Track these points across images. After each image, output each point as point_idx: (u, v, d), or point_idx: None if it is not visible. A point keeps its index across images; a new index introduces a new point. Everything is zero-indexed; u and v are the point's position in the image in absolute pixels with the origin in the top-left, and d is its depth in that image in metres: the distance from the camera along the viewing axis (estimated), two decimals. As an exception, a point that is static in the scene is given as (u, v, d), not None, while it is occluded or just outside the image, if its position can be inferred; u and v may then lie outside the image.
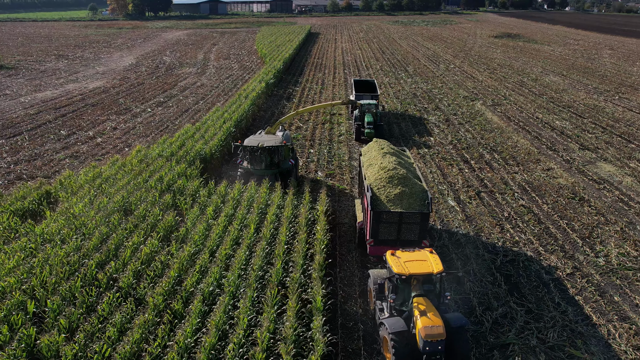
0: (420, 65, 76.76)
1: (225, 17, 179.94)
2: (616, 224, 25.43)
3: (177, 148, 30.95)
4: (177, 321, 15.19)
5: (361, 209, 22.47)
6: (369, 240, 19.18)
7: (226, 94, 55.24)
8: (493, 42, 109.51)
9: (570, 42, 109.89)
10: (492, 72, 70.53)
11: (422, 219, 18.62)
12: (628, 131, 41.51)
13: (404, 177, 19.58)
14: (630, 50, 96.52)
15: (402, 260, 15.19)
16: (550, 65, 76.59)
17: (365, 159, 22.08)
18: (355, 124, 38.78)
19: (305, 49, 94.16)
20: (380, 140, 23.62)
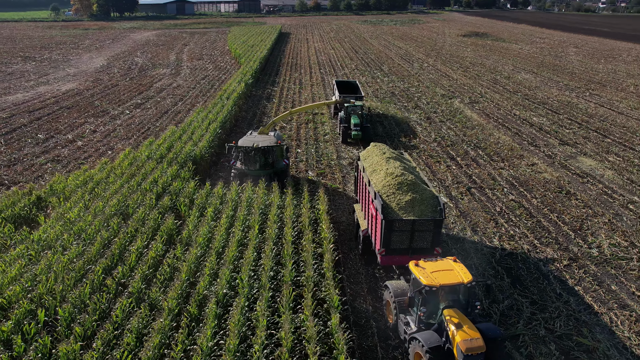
0: (395, 64, 77.50)
1: (193, 17, 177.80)
2: (603, 215, 26.27)
3: (165, 150, 30.50)
4: (195, 325, 14.99)
5: (363, 216, 21.53)
6: (380, 250, 18.23)
7: (204, 95, 54.68)
8: (462, 40, 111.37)
9: (537, 41, 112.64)
10: (466, 71, 71.76)
11: (436, 226, 17.87)
12: (603, 126, 42.88)
13: (413, 183, 18.75)
14: (594, 48, 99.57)
15: (429, 271, 14.60)
16: (520, 63, 78.41)
17: (367, 164, 21.11)
18: (341, 126, 38.02)
19: (279, 49, 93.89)
20: (379, 144, 22.80)
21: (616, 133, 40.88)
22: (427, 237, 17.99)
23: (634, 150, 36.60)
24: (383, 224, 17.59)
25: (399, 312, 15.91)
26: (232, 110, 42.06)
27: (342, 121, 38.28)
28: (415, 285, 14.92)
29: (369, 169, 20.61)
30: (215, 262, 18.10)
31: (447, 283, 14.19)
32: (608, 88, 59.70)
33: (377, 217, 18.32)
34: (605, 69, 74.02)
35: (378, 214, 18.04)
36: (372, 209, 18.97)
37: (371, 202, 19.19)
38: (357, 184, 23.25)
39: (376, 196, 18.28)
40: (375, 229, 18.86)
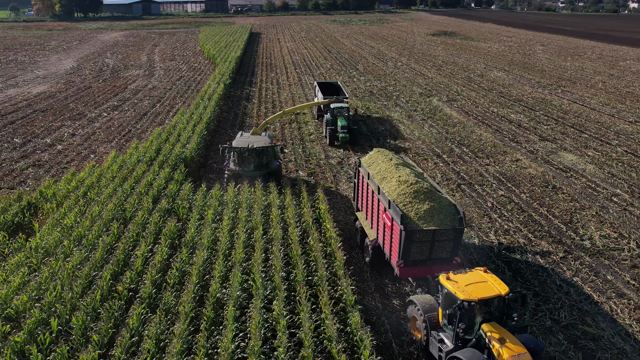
0: (369, 63, 78.02)
1: (160, 17, 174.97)
2: (590, 208, 27.11)
3: (154, 153, 30.02)
4: (214, 328, 14.85)
5: (369, 224, 20.77)
6: (399, 262, 17.43)
7: (182, 96, 54.01)
8: (432, 39, 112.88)
9: (504, 39, 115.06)
10: (440, 69, 72.79)
11: (456, 235, 17.31)
12: (578, 122, 44.17)
13: (429, 191, 18.06)
14: (560, 46, 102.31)
15: (462, 285, 14.01)
16: (491, 62, 79.99)
17: (374, 171, 20.24)
18: (328, 128, 37.20)
19: (251, 49, 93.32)
20: (382, 149, 22.14)
21: (592, 129, 42.18)
22: (447, 247, 17.43)
23: (610, 145, 37.84)
24: (403, 235, 16.80)
25: (430, 329, 15.18)
26: (214, 111, 41.66)
27: (328, 124, 37.51)
28: (449, 300, 14.31)
29: (377, 176, 19.78)
30: (223, 265, 17.94)
31: (485, 296, 13.65)
32: (578, 85, 61.50)
33: (393, 228, 17.56)
34: (573, 66, 76.19)
35: (395, 224, 17.28)
36: (386, 219, 18.17)
37: (383, 212, 18.47)
38: (360, 191, 22.19)
39: (391, 205, 17.56)
40: (390, 240, 18.01)
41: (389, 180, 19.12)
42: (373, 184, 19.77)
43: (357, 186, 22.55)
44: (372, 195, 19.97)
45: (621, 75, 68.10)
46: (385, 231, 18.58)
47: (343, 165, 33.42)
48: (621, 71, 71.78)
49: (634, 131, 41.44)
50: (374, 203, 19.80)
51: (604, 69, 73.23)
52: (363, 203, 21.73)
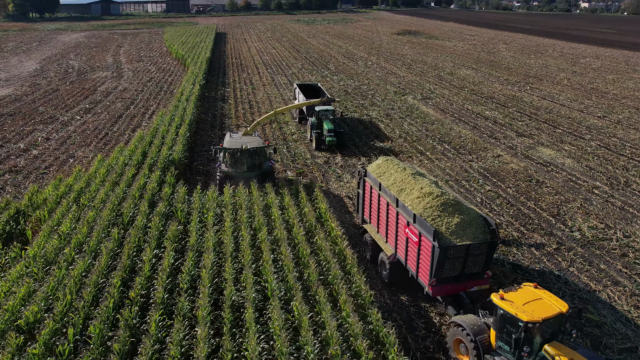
0: (340, 63, 78.38)
1: (120, 17, 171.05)
2: (575, 201, 28.05)
3: (140, 156, 29.41)
4: (235, 331, 14.71)
5: (383, 239, 19.64)
6: (431, 280, 16.39)
7: (156, 98, 53.06)
8: (398, 39, 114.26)
9: (467, 38, 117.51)
10: (410, 68, 73.79)
11: (490, 248, 16.51)
12: (550, 118, 45.57)
13: (457, 203, 17.18)
14: (521, 44, 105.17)
15: (520, 304, 13.34)
16: (458, 60, 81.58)
17: (388, 182, 19.08)
18: (314, 132, 36.27)
19: (219, 50, 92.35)
20: (390, 157, 21.15)
21: (564, 124, 43.59)
22: (480, 261, 16.64)
23: (584, 139, 39.21)
24: (437, 252, 15.69)
25: (482, 352, 14.32)
26: (194, 112, 41.12)
27: (313, 127, 36.67)
28: (507, 321, 13.57)
29: (394, 187, 18.70)
30: (232, 267, 17.77)
31: (548, 316, 13.03)
32: (545, 82, 63.40)
33: (421, 244, 16.54)
34: (537, 63, 78.49)
35: (425, 240, 16.25)
36: (410, 234, 17.11)
37: (405, 226, 17.45)
38: (368, 202, 20.85)
39: (417, 220, 16.59)
40: (417, 257, 16.93)
41: (408, 192, 18.11)
42: (388, 196, 18.69)
43: (363, 197, 21.21)
44: (386, 208, 18.80)
45: (583, 72, 70.57)
46: (409, 247, 17.50)
47: (330, 165, 33.51)
48: (583, 68, 74.38)
49: (604, 126, 43.04)
50: (389, 216, 18.69)
51: (567, 66, 75.73)
52: (373, 215, 20.45)
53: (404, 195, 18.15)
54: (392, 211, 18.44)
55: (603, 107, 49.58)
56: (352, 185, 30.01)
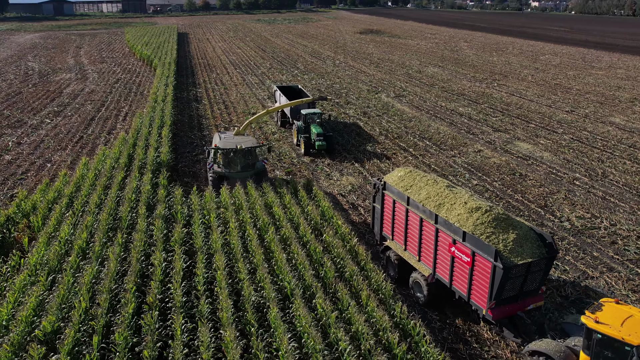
0: (308, 62, 78.43)
1: (75, 18, 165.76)
2: (559, 192, 29.03)
3: (127, 158, 28.71)
4: (262, 331, 14.59)
5: (415, 258, 18.14)
6: (491, 303, 15.15)
7: (126, 100, 51.80)
8: (361, 38, 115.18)
9: (428, 36, 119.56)
10: (378, 66, 74.53)
11: (548, 263, 15.71)
12: (522, 113, 46.95)
13: (507, 217, 16.18)
14: (482, 42, 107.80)
15: (617, 325, 12.51)
16: (424, 58, 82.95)
17: (421, 196, 17.65)
18: (301, 136, 34.81)
19: (184, 50, 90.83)
20: (411, 169, 19.69)
21: (536, 119, 44.99)
22: (537, 278, 15.83)
23: (557, 133, 40.59)
24: (499, 273, 14.54)
25: None
26: (173, 113, 40.42)
27: (300, 131, 35.28)
28: (608, 346, 12.60)
29: (429, 202, 17.32)
30: (246, 268, 17.60)
31: None
32: (510, 78, 65.23)
33: (475, 264, 15.37)
34: (500, 61, 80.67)
35: (481, 260, 15.05)
36: (459, 254, 15.82)
37: (450, 244, 16.10)
38: (389, 218, 19.24)
39: (467, 238, 15.41)
40: (470, 278, 15.74)
41: (449, 207, 16.78)
42: (422, 212, 17.28)
43: (382, 212, 19.62)
44: (419, 224, 17.40)
45: (545, 69, 72.95)
46: (457, 267, 16.21)
47: (317, 164, 33.51)
48: (544, 65, 76.88)
49: (573, 120, 44.65)
50: (424, 233, 17.33)
51: (529, 63, 78.11)
52: (398, 232, 18.95)
53: (444, 210, 16.83)
54: (428, 228, 17.09)
55: (569, 102, 51.43)
56: (342, 183, 30.16)
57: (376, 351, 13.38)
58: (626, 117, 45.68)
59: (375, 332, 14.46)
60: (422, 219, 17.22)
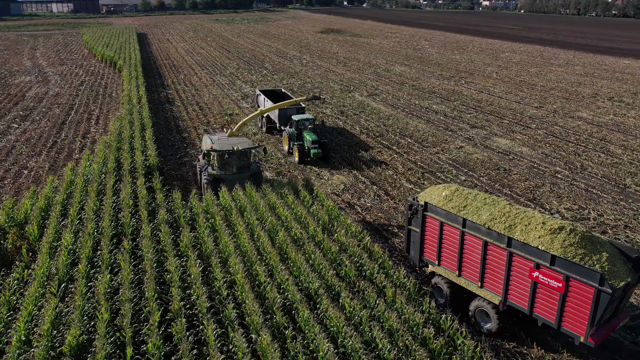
0: (275, 62, 78.10)
1: (24, 18, 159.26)
2: (544, 186, 29.99)
3: (114, 162, 27.87)
4: (295, 333, 14.47)
5: (475, 284, 16.67)
6: (592, 329, 14.32)
7: (95, 102, 50.25)
8: (323, 37, 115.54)
9: (389, 35, 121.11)
10: (345, 65, 74.96)
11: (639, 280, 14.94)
12: (494, 110, 48.21)
13: (590, 235, 15.24)
14: (442, 41, 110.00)
15: None
16: (389, 57, 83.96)
17: (482, 217, 16.23)
18: (295, 144, 33.22)
19: (145, 51, 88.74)
20: (456, 186, 18.24)
21: (508, 115, 46.29)
22: (629, 296, 15.43)
23: (531, 129, 41.90)
24: (607, 298, 13.74)
25: None
26: (151, 116, 39.52)
27: (292, 138, 33.93)
28: None
29: (496, 224, 15.90)
30: (265, 271, 17.41)
31: None
32: (476, 76, 66.87)
33: (569, 289, 14.42)
34: (463, 59, 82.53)
35: (579, 284, 14.15)
36: (545, 278, 14.79)
37: (533, 269, 15.00)
38: (435, 242, 17.73)
39: (557, 261, 14.44)
40: (562, 305, 14.72)
41: (524, 229, 15.55)
42: (486, 234, 15.89)
43: (423, 235, 18.07)
44: (483, 249, 16.03)
45: (507, 66, 75.14)
46: (541, 293, 15.14)
47: (306, 164, 33.44)
48: (505, 62, 79.18)
49: (543, 115, 46.20)
50: (491, 258, 16.01)
51: (490, 61, 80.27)
52: (448, 257, 17.42)
53: (518, 232, 15.51)
54: (497, 252, 15.76)
55: (536, 98, 53.17)
56: (333, 182, 30.18)
57: (414, 347, 13.50)
58: (592, 112, 47.61)
59: (408, 328, 14.57)
60: (486, 242, 15.87)
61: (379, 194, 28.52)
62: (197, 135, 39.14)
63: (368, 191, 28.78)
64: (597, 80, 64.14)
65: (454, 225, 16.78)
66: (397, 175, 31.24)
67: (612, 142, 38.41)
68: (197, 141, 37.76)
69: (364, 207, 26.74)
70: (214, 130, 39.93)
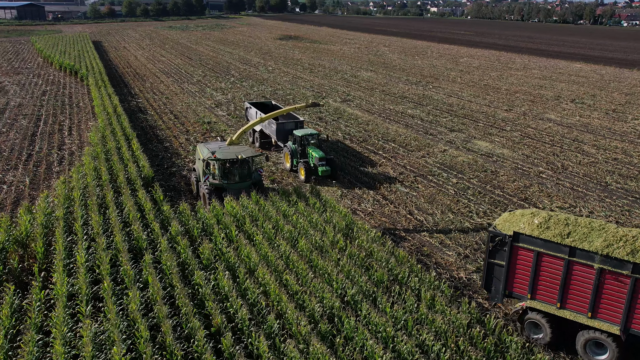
0: (241, 69, 77.55)
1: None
2: (532, 186, 31.05)
3: (107, 175, 26.96)
4: (344, 342, 14.43)
5: (584, 316, 15.83)
6: None
7: (63, 113, 48.45)
8: (283, 44, 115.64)
9: (348, 42, 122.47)
10: (312, 72, 75.27)
11: None
12: (467, 113, 49.55)
13: None
14: (400, 46, 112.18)
15: None
16: (354, 63, 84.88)
17: (595, 244, 15.31)
18: (300, 162, 31.10)
19: (104, 59, 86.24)
20: (547, 212, 16.97)
21: (481, 118, 47.69)
22: None
23: (506, 131, 43.32)
24: None
25: None
26: (131, 125, 38.46)
27: (295, 155, 31.62)
28: None
29: (617, 250, 15.03)
30: (294, 279, 17.27)
31: None
32: (441, 80, 68.53)
33: None
34: (425, 64, 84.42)
35: None
36: None
37: None
38: (528, 274, 16.54)
39: None
40: None
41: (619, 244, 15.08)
42: (601, 262, 15.14)
43: (510, 269, 16.78)
44: (597, 277, 15.30)
45: (469, 71, 77.40)
46: None
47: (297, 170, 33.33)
48: (466, 67, 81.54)
49: (514, 118, 47.85)
50: (607, 286, 15.29)
51: (452, 66, 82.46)
52: (546, 289, 16.39)
53: (618, 251, 14.92)
54: (616, 280, 15.08)
55: (504, 102, 55.01)
56: (330, 188, 30.18)
57: (467, 347, 13.73)
58: (559, 114, 49.69)
59: (454, 329, 14.79)
60: (601, 270, 15.13)
61: (377, 198, 28.77)
62: (180, 145, 38.39)
63: (366, 196, 28.99)
64: (556, 84, 66.99)
65: (556, 255, 15.78)
66: (390, 179, 31.61)
67: (585, 142, 40.22)
68: (180, 150, 37.03)
69: (366, 212, 26.92)
70: (205, 139, 39.27)
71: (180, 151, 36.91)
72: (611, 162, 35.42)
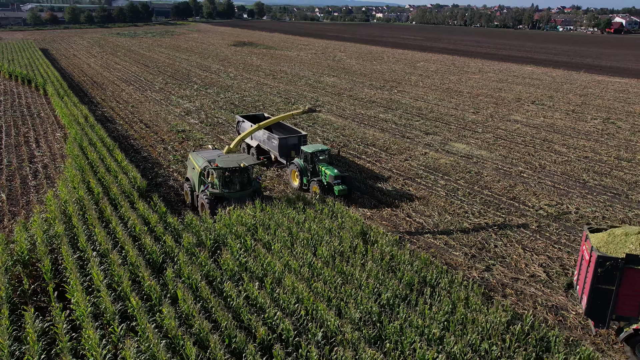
0: (202, 76, 76.40)
1: None
2: (517, 185, 32.14)
3: (98, 187, 25.97)
4: (395, 347, 14.47)
5: None
6: None
7: (25, 124, 46.26)
8: (238, 50, 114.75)
9: (303, 47, 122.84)
10: (275, 78, 75.07)
11: None
12: (437, 116, 50.74)
13: None
14: (356, 52, 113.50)
15: None
16: (315, 69, 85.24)
17: None
18: (312, 180, 28.63)
19: (56, 67, 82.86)
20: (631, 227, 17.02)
21: (452, 121, 48.95)
22: None
23: (479, 133, 44.66)
24: None
25: None
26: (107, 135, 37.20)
27: (305, 173, 29.32)
28: None
29: None
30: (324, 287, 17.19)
31: None
32: (404, 85, 69.87)
33: None
34: (384, 69, 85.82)
35: None
36: None
37: None
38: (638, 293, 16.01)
39: None
40: None
41: None
42: None
43: (623, 290, 16.08)
44: None
45: (428, 75, 79.27)
46: None
47: (282, 176, 33.18)
48: (424, 71, 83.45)
49: (483, 120, 49.41)
50: None
51: (410, 70, 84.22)
52: None
53: None
54: None
55: (469, 105, 56.68)
56: (323, 194, 30.18)
57: (514, 344, 14.08)
58: (524, 115, 51.69)
59: (495, 327, 15.13)
60: None
61: (373, 202, 29.02)
62: (159, 154, 37.42)
63: (362, 201, 29.17)
64: (513, 86, 69.63)
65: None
66: (381, 182, 31.95)
67: (554, 142, 42.01)
68: (161, 160, 36.10)
69: (366, 216, 27.10)
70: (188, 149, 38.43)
71: (160, 161, 35.97)
72: (583, 160, 37.15)
